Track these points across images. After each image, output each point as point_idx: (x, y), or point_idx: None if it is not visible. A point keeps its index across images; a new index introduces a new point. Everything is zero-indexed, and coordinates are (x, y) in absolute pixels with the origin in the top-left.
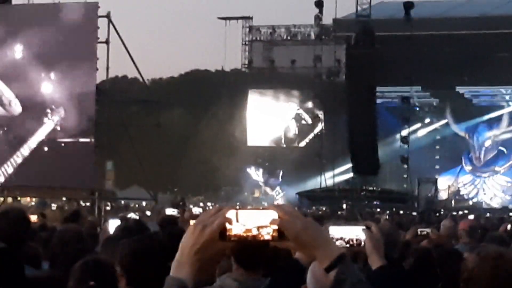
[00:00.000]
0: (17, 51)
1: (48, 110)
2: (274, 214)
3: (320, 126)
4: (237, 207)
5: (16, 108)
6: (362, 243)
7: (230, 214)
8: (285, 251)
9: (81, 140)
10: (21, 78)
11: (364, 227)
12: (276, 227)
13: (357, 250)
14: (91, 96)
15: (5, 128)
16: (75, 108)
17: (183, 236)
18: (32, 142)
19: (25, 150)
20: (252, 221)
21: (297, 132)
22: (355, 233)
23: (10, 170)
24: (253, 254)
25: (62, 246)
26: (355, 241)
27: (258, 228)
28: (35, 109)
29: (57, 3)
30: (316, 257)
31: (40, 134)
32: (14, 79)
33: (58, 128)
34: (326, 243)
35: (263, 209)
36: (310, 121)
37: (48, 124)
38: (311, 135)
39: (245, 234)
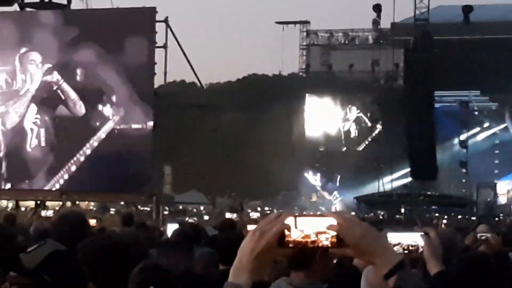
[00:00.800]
0: (78, 54)
1: (109, 112)
2: (333, 221)
3: (378, 131)
4: (296, 214)
5: (80, 109)
6: (420, 249)
7: (289, 220)
8: (346, 258)
9: (140, 144)
10: (81, 80)
11: (422, 233)
12: (335, 233)
13: (416, 257)
14: (149, 100)
15: (69, 129)
16: (133, 113)
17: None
18: (94, 142)
19: (87, 149)
20: (310, 228)
21: (356, 135)
22: (412, 239)
23: (73, 168)
24: (308, 257)
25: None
26: (412, 247)
27: (317, 234)
28: (95, 110)
29: (115, 8)
30: (375, 263)
31: (101, 135)
32: (75, 82)
33: (117, 128)
34: (385, 249)
35: (321, 216)
36: (368, 125)
37: (108, 125)
38: (369, 139)
39: (303, 240)
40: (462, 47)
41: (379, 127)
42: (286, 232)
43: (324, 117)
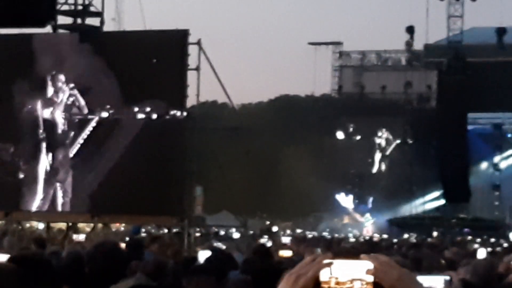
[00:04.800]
0: (109, 77)
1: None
2: (369, 265)
3: (410, 153)
4: (332, 256)
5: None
6: None
7: (324, 264)
8: None
9: (170, 165)
10: (112, 102)
11: (448, 277)
12: (370, 278)
13: None
14: (180, 122)
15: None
16: (164, 133)
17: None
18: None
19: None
20: (346, 272)
21: (388, 157)
22: (432, 282)
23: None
24: None
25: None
26: None
27: (352, 280)
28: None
29: (148, 30)
30: None
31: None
32: (107, 104)
33: (148, 147)
34: None
35: (357, 258)
36: (400, 147)
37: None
38: (401, 162)
39: (338, 287)
40: (495, 69)
41: (411, 149)
42: (321, 276)
43: (356, 139)
